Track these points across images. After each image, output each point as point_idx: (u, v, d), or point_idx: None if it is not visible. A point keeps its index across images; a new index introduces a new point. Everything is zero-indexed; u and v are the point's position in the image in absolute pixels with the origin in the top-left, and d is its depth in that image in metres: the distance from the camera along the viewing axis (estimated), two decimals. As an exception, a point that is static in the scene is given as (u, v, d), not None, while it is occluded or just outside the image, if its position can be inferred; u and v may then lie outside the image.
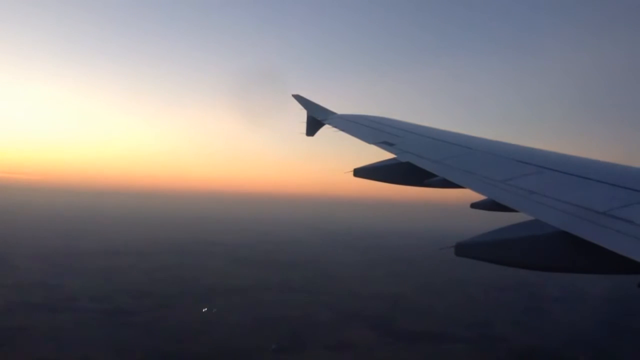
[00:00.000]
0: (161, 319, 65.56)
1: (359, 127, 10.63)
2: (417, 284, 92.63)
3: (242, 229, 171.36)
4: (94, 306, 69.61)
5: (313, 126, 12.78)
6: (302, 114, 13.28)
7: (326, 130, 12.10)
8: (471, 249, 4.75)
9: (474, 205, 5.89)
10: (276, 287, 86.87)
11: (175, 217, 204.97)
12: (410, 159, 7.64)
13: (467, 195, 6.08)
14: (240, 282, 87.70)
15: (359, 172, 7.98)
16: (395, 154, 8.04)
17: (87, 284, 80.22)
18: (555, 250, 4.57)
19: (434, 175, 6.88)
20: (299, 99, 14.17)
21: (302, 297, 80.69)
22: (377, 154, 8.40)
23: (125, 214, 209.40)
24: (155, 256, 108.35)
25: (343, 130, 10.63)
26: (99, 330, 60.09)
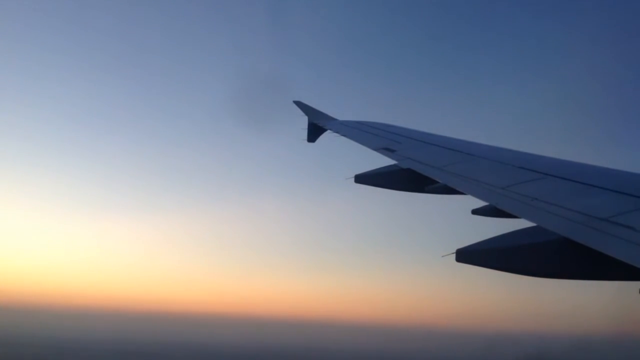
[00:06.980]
0: None
1: (360, 133, 10.65)
2: None
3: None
4: None
5: (314, 132, 12.81)
6: (303, 121, 13.30)
7: (328, 136, 12.13)
8: (472, 255, 4.76)
9: (475, 212, 5.91)
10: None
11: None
12: (411, 165, 7.66)
13: (469, 201, 6.10)
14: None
15: (361, 179, 8.03)
16: (396, 160, 8.07)
17: None
18: (557, 257, 4.58)
19: (435, 182, 6.90)
20: (300, 105, 14.20)
21: None
22: (378, 161, 8.42)
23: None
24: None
25: (344, 136, 10.66)
26: None
